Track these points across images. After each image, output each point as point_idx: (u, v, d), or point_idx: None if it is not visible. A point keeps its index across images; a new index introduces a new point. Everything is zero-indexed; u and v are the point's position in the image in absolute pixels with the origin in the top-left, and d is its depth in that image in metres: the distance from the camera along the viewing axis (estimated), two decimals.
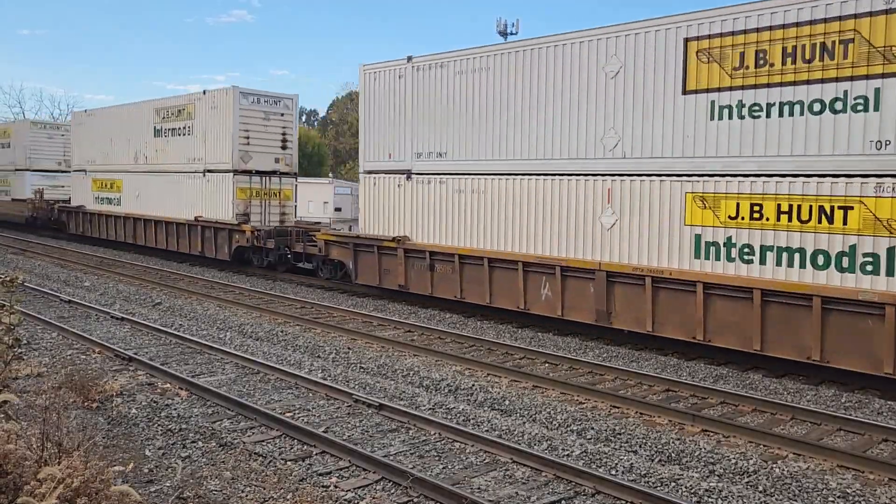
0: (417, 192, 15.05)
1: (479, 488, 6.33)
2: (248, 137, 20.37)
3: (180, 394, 8.89)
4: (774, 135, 10.10)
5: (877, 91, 9.24)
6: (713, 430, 8.04)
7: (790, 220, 9.98)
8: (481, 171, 13.85)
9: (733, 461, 7.05)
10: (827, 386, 9.91)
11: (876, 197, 9.26)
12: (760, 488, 6.54)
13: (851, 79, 9.44)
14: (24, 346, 10.06)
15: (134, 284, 18.01)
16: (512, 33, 46.85)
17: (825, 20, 9.62)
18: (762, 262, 10.27)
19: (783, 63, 9.99)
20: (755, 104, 10.24)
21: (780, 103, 10.02)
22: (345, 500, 5.97)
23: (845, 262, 9.53)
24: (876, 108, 9.23)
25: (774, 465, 6.97)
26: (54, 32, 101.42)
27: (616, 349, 11.91)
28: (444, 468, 6.78)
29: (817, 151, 9.74)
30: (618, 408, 8.81)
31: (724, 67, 10.49)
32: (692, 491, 6.38)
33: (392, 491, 6.19)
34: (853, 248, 9.45)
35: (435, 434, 7.65)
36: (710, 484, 6.53)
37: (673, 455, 7.28)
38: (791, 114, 9.95)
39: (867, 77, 9.31)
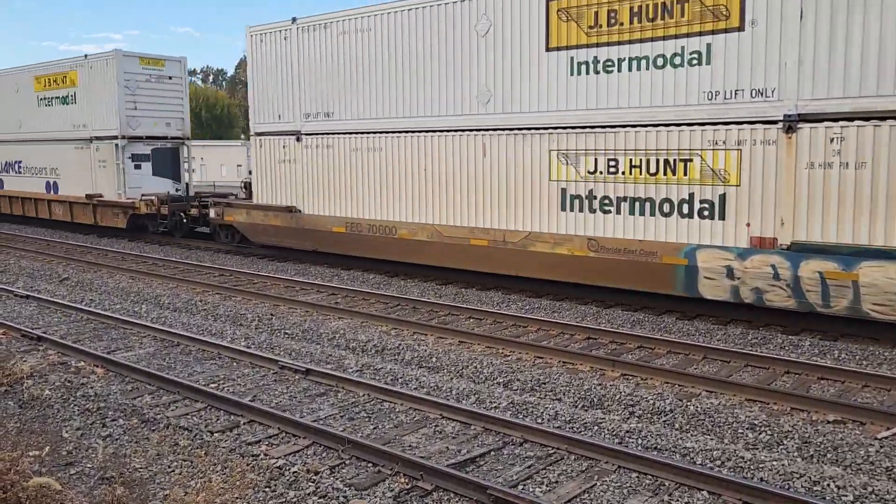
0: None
1: (410, 446, 6.42)
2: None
3: (96, 371, 8.56)
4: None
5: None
6: (632, 373, 8.39)
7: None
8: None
9: (651, 402, 7.39)
10: (735, 325, 10.48)
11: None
12: (677, 426, 6.90)
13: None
14: None
15: (38, 260, 17.09)
16: None
17: None
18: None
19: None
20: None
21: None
22: (276, 467, 5.94)
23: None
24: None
25: (689, 403, 7.35)
26: None
27: (538, 301, 12.19)
28: (374, 428, 6.83)
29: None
30: (542, 358, 9.06)
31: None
32: (614, 433, 6.67)
33: (323, 455, 6.20)
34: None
35: (364, 395, 7.68)
36: (631, 425, 6.85)
37: (595, 400, 7.57)
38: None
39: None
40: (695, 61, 10.30)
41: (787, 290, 9.67)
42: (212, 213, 18.06)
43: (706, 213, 10.39)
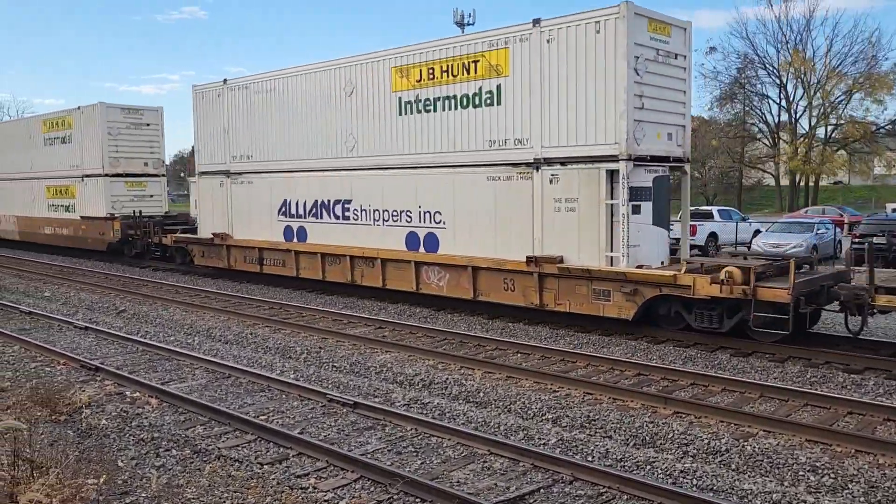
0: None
1: (458, 482, 6.35)
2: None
3: (151, 402, 8.74)
4: None
5: None
6: (685, 411, 8.18)
7: None
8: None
9: (706, 441, 7.18)
10: (793, 363, 10.15)
11: None
12: (733, 466, 6.68)
13: None
14: None
15: (96, 293, 17.63)
16: (469, 24, 47.17)
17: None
18: None
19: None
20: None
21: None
22: (324, 500, 5.94)
23: None
24: None
25: (746, 443, 7.11)
26: None
27: (586, 336, 12.03)
28: (422, 463, 6.78)
29: None
30: (591, 394, 8.90)
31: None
32: (667, 473, 6.49)
33: (371, 489, 6.18)
34: None
35: (411, 430, 7.65)
36: (685, 465, 6.65)
37: (647, 438, 7.39)
38: None
39: None
40: None
41: None
42: None
43: None
